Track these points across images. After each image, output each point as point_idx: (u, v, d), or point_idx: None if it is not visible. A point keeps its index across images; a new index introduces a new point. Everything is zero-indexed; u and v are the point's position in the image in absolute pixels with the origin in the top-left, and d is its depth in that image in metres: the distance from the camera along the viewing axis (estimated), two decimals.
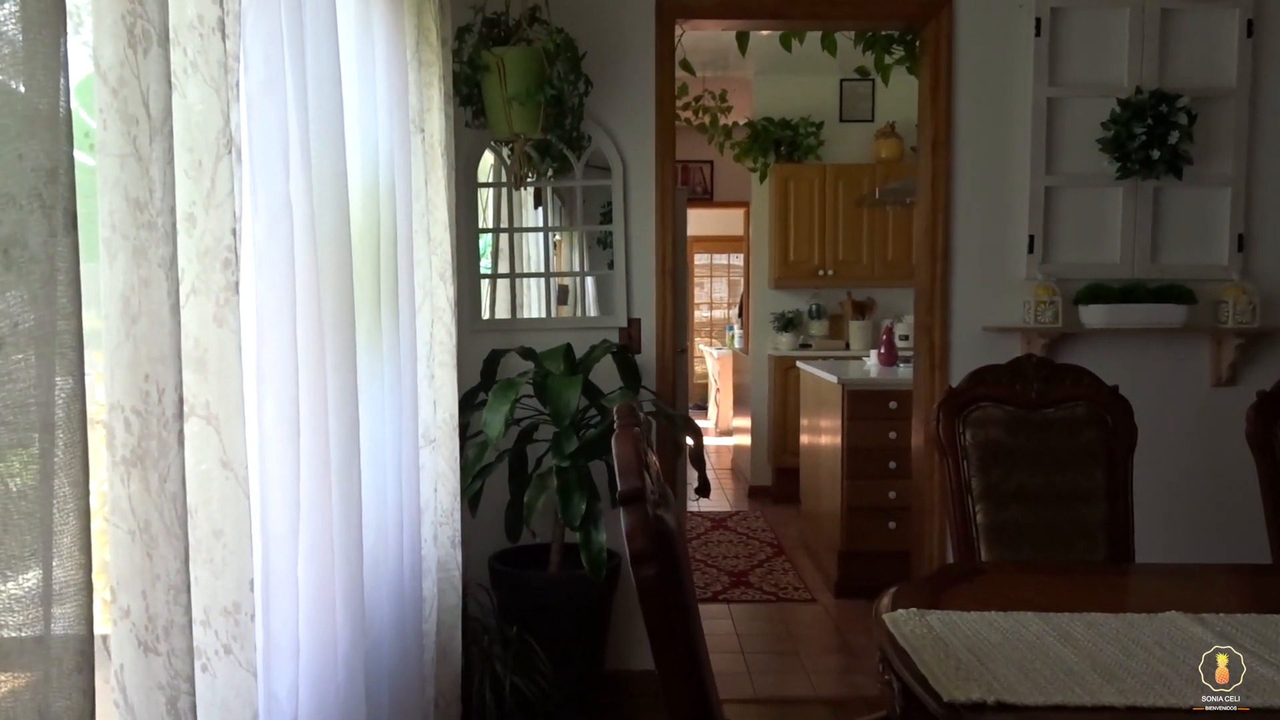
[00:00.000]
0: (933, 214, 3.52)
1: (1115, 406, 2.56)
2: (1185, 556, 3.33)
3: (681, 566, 1.37)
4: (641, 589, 1.23)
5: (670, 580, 1.30)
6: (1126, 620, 1.71)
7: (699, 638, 1.42)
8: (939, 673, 1.46)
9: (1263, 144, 3.51)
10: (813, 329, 7.00)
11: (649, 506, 1.30)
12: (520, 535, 2.94)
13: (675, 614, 1.28)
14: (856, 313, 6.85)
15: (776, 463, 6.75)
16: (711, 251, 12.46)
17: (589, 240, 3.68)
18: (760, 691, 3.61)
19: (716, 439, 9.63)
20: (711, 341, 12.33)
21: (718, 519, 6.19)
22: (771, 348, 6.92)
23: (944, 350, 3.53)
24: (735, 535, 5.79)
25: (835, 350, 6.72)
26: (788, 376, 6.56)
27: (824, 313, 7.00)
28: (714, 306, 12.88)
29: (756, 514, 6.36)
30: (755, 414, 6.97)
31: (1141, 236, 3.49)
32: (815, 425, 5.31)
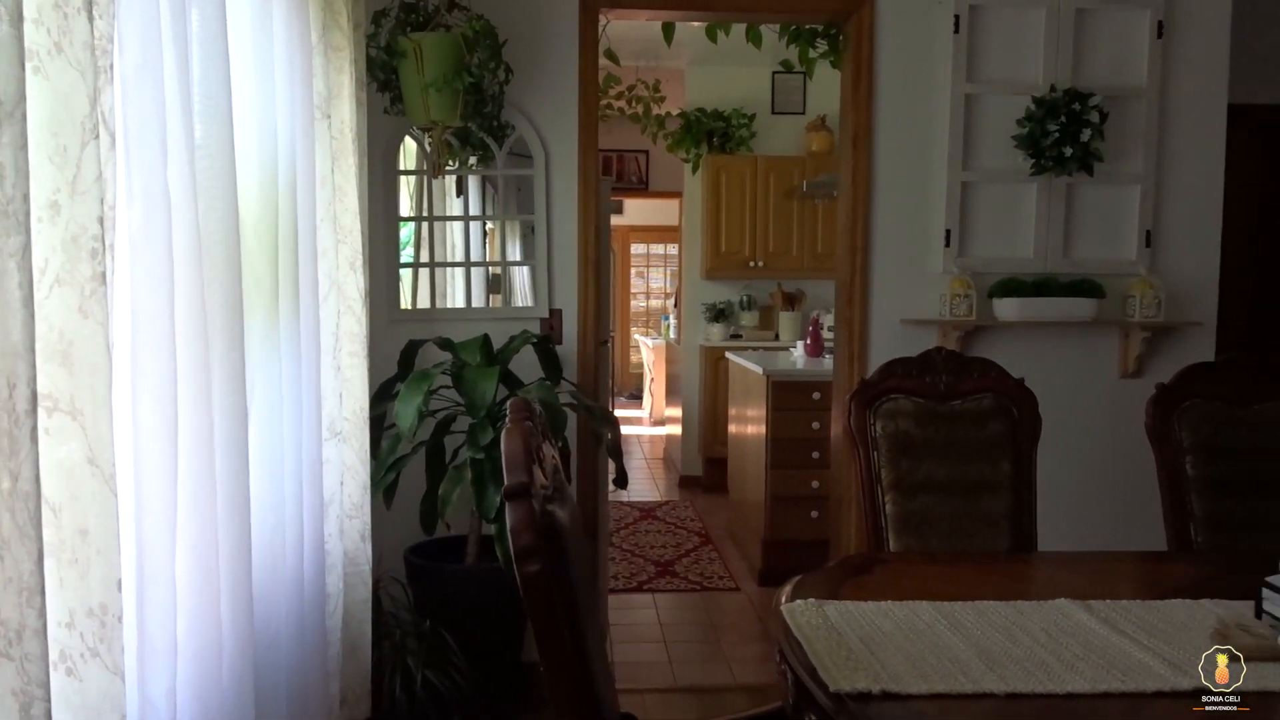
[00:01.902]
0: (854, 207, 3.56)
1: (1021, 398, 2.61)
2: (1091, 544, 3.41)
3: (570, 561, 1.36)
4: (525, 585, 1.23)
5: (557, 576, 1.30)
6: (1016, 608, 1.74)
7: (590, 631, 1.42)
8: (829, 663, 1.48)
9: (1171, 143, 3.60)
10: (744, 320, 7.04)
11: (536, 502, 1.29)
12: (435, 527, 2.91)
13: (562, 609, 1.27)
14: (786, 304, 6.91)
15: (707, 453, 6.79)
16: (649, 241, 12.46)
17: (523, 229, 3.64)
18: (681, 680, 3.63)
19: (651, 429, 9.65)
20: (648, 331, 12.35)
21: (647, 509, 6.21)
22: (703, 338, 6.95)
23: (863, 342, 3.58)
24: (664, 525, 5.81)
25: (765, 341, 6.78)
26: (718, 367, 6.60)
27: (755, 304, 7.05)
28: (651, 296, 12.89)
29: (686, 504, 6.39)
30: (686, 404, 7.00)
31: (1054, 232, 3.56)
32: (742, 415, 5.35)
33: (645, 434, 9.38)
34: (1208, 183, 3.62)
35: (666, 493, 6.84)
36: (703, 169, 6.78)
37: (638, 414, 10.65)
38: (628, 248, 12.13)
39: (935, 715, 1.33)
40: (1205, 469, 2.58)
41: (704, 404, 6.82)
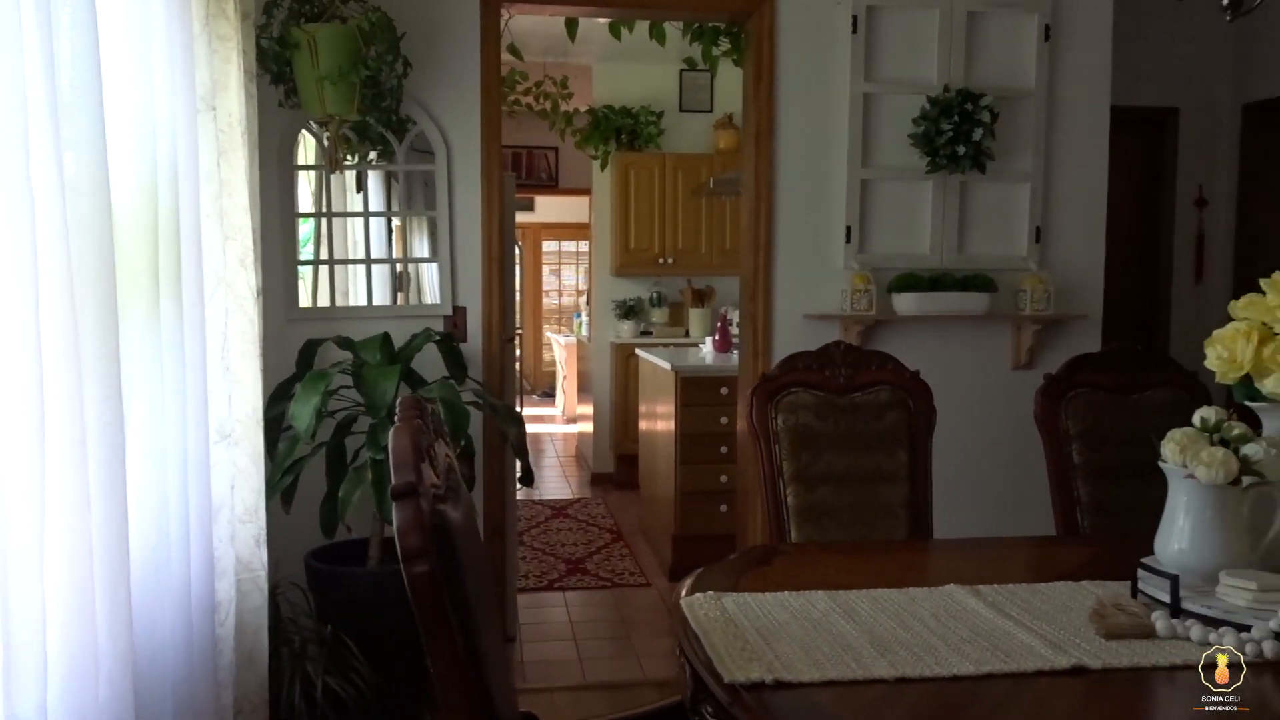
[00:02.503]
0: (756, 204, 3.60)
1: (916, 390, 2.67)
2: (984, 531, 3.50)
3: (463, 561, 1.35)
4: (412, 586, 1.20)
5: (449, 576, 1.28)
6: (908, 595, 1.78)
7: (485, 632, 1.40)
8: (725, 655, 1.49)
9: (1058, 143, 3.74)
10: (654, 316, 7.07)
11: (425, 501, 1.27)
12: (335, 530, 2.85)
13: (453, 610, 1.26)
14: (696, 300, 6.96)
15: (618, 449, 6.79)
16: (561, 239, 12.41)
17: (430, 226, 3.59)
18: (591, 677, 3.62)
19: (564, 426, 9.62)
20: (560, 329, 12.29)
21: (559, 507, 6.19)
22: (614, 335, 6.95)
23: (767, 337, 3.62)
24: (575, 523, 5.80)
25: (676, 338, 6.81)
26: (629, 364, 6.60)
27: (665, 300, 7.08)
28: (563, 294, 12.84)
29: (598, 501, 6.39)
30: (597, 401, 6.99)
31: (949, 228, 3.66)
32: (652, 411, 5.37)
33: (558, 432, 9.34)
34: (1092, 181, 3.77)
35: (578, 490, 6.82)
36: (611, 166, 6.78)
37: (551, 412, 10.60)
38: (539, 245, 12.07)
39: (827, 702, 1.35)
40: (1090, 455, 2.68)
41: (615, 401, 6.83)
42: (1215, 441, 1.74)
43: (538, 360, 12.22)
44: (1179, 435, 1.76)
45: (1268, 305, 1.77)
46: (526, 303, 12.13)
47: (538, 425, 9.84)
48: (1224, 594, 1.64)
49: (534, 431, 9.44)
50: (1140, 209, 5.08)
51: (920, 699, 1.38)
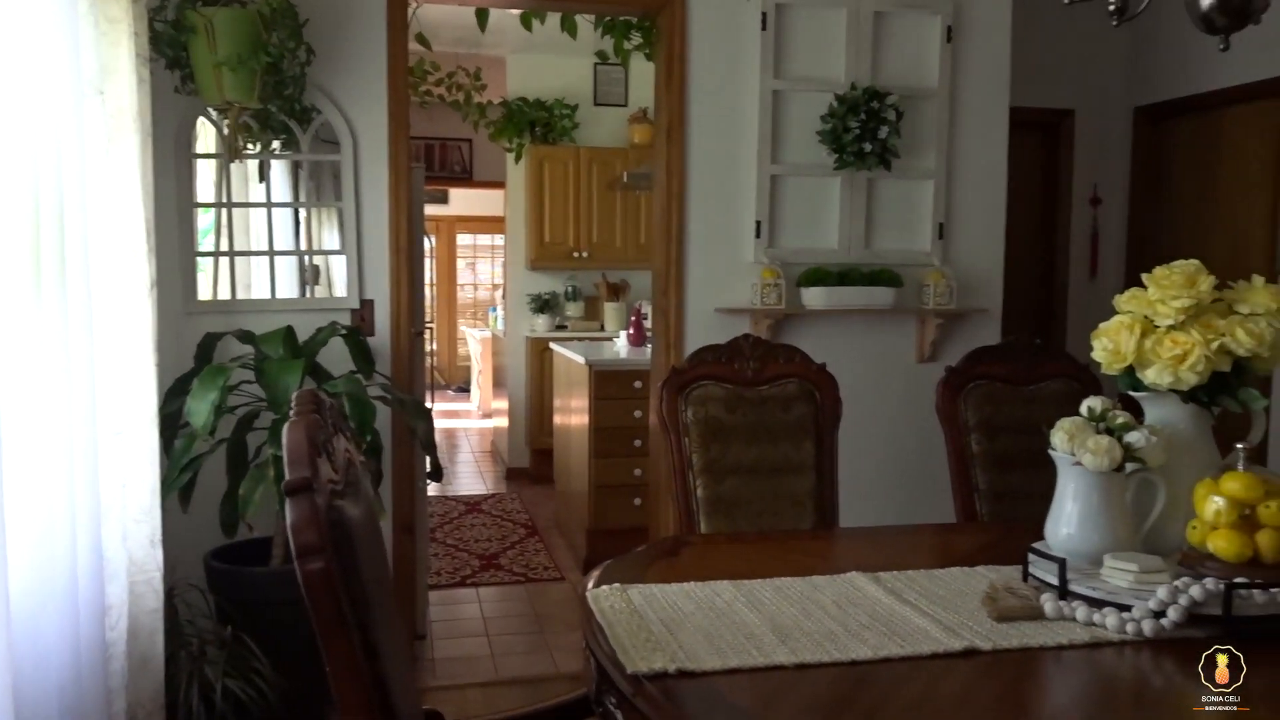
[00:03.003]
0: (668, 198, 3.62)
1: (823, 383, 2.72)
2: (889, 519, 3.60)
3: (362, 558, 1.32)
4: (307, 583, 1.18)
5: (345, 573, 1.26)
6: (811, 583, 1.82)
7: (384, 630, 1.38)
8: (629, 646, 1.50)
9: (960, 141, 3.84)
10: (569, 310, 7.05)
11: (321, 497, 1.24)
12: (236, 529, 2.77)
13: (350, 607, 1.23)
14: (611, 294, 6.96)
15: (534, 444, 6.76)
16: (476, 232, 12.28)
17: (340, 217, 3.50)
18: (503, 673, 3.60)
19: (479, 422, 9.53)
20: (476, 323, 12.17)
21: (473, 502, 6.13)
22: (528, 329, 6.91)
23: (679, 331, 3.64)
24: (489, 518, 5.75)
25: (591, 331, 6.80)
26: (543, 358, 6.58)
27: (580, 294, 7.07)
28: (479, 288, 12.72)
29: (513, 496, 6.35)
30: (512, 396, 6.95)
31: (856, 224, 3.73)
32: (567, 406, 5.36)
33: (474, 427, 9.25)
34: (992, 179, 3.88)
35: (493, 485, 6.77)
36: (526, 159, 6.74)
37: (466, 407, 10.49)
38: (453, 238, 11.93)
39: (727, 689, 1.37)
40: (988, 445, 2.77)
41: (530, 395, 6.79)
42: (1101, 430, 1.81)
43: (452, 355, 12.08)
44: (1067, 424, 1.83)
45: (1149, 299, 1.84)
46: (440, 296, 11.98)
47: (453, 420, 9.74)
48: (1108, 576, 1.71)
49: (449, 427, 9.34)
50: (1039, 207, 5.25)
51: (819, 683, 1.40)
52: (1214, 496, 1.67)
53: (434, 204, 11.18)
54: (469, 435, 8.90)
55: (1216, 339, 1.77)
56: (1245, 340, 1.76)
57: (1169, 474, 1.80)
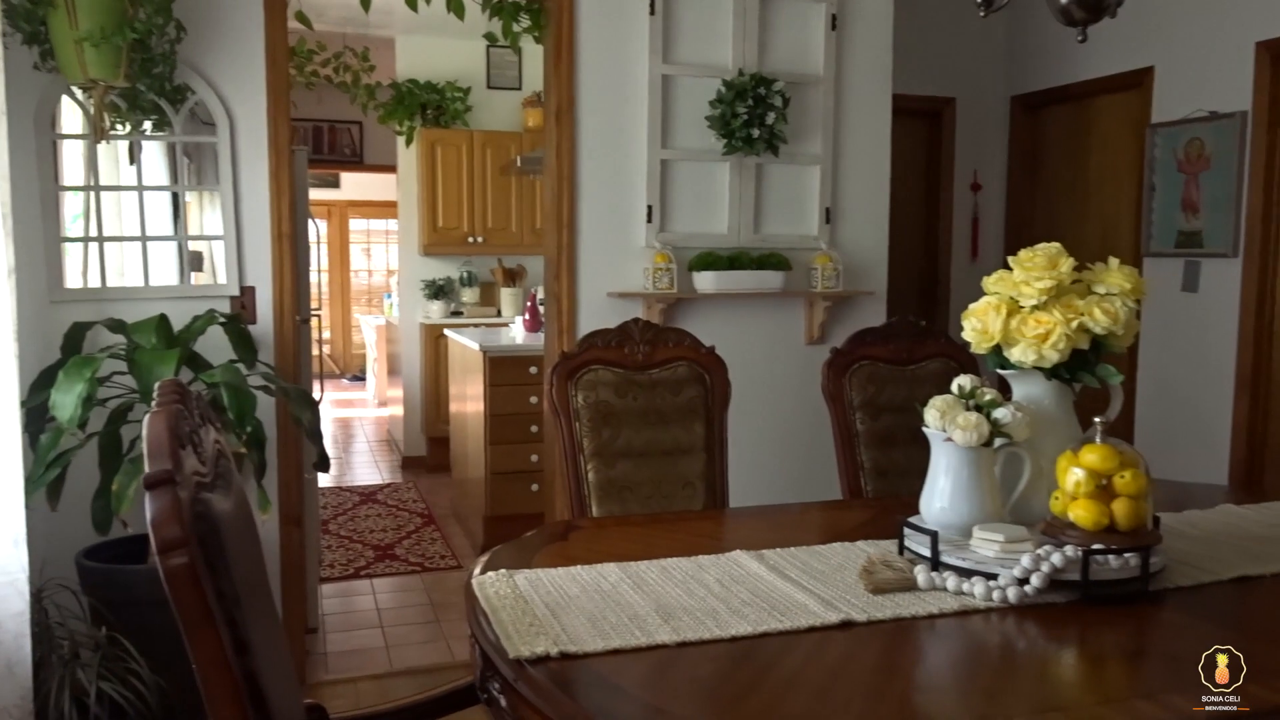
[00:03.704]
0: (559, 183, 3.60)
1: (712, 365, 2.76)
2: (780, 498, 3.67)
3: (231, 552, 1.29)
4: (170, 579, 1.14)
5: (213, 568, 1.22)
6: (696, 562, 1.84)
7: (259, 624, 1.34)
8: (512, 631, 1.50)
9: (845, 128, 3.92)
10: (464, 296, 6.97)
11: (185, 490, 1.20)
12: (110, 527, 2.66)
13: (218, 603, 1.20)
14: (508, 280, 6.90)
15: (430, 432, 6.67)
16: (370, 216, 12.01)
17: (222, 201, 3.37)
18: (398, 664, 3.56)
19: (375, 410, 9.35)
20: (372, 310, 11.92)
21: (367, 493, 6.03)
22: (423, 316, 6.81)
23: (572, 316, 3.64)
24: (385, 508, 5.66)
25: (487, 317, 6.75)
26: (438, 345, 6.49)
27: (475, 280, 6.99)
28: (374, 274, 12.45)
29: (409, 485, 6.26)
30: (408, 384, 6.84)
31: (746, 209, 3.79)
32: (462, 393, 5.30)
33: (370, 416, 9.07)
34: (877, 165, 3.98)
35: (389, 475, 6.66)
36: (417, 142, 6.62)
37: (362, 395, 10.28)
38: (346, 223, 11.64)
39: (609, 670, 1.38)
40: (872, 424, 2.84)
41: (425, 383, 6.70)
42: (970, 407, 1.89)
43: (347, 343, 11.81)
44: (939, 402, 1.90)
45: (1014, 281, 1.92)
46: (333, 283, 11.70)
47: (348, 410, 9.54)
48: (976, 546, 1.79)
49: (344, 416, 9.15)
50: (923, 192, 5.42)
51: (699, 661, 1.42)
52: (1074, 468, 1.76)
53: (324, 188, 10.90)
54: (364, 425, 8.73)
55: (1076, 318, 1.85)
56: (1102, 319, 1.85)
57: (1034, 448, 1.89)
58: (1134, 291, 1.89)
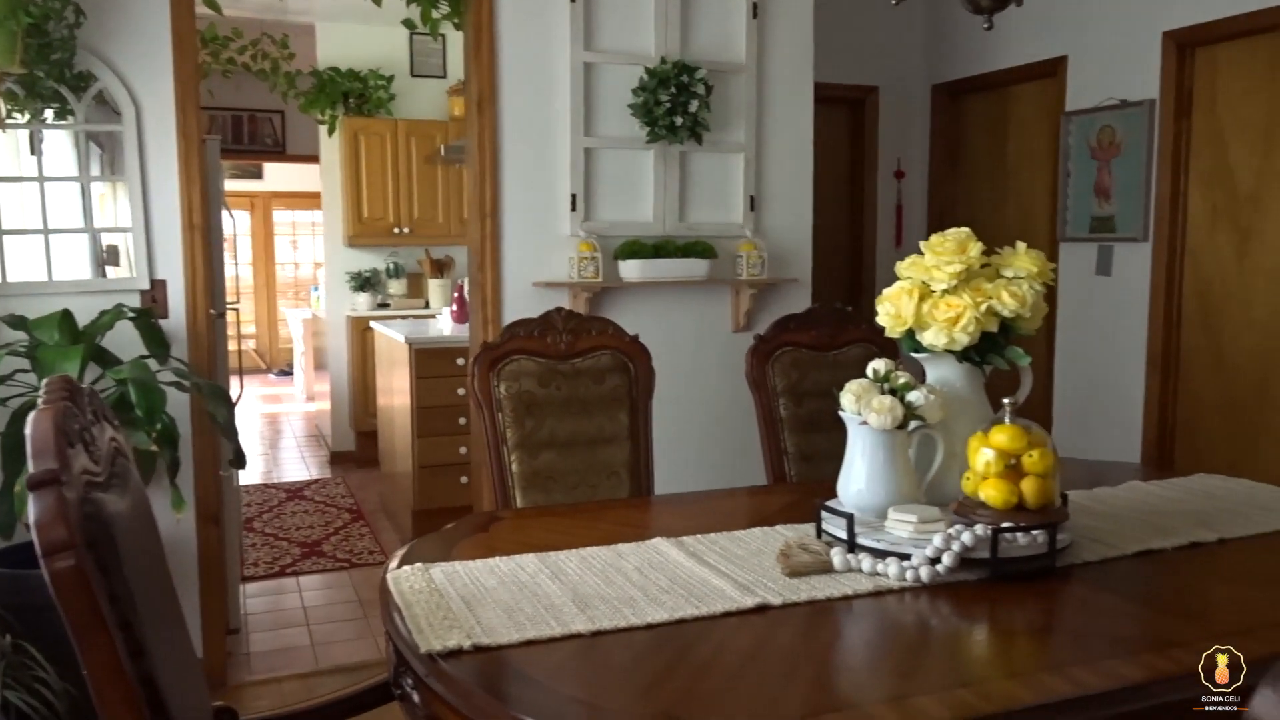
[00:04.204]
0: (481, 172, 3.56)
1: (636, 354, 2.75)
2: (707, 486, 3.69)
3: (126, 554, 1.24)
4: (56, 583, 1.10)
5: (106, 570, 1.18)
6: (616, 551, 1.84)
7: (158, 627, 1.30)
8: (425, 626, 1.48)
9: (768, 116, 3.94)
10: (392, 288, 6.87)
11: (73, 491, 1.15)
12: (14, 531, 2.57)
13: (110, 606, 1.16)
14: (435, 271, 6.82)
15: (359, 426, 6.57)
16: (295, 208, 11.76)
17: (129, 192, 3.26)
18: (324, 662, 3.50)
19: (304, 405, 9.17)
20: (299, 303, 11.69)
21: (294, 489, 5.91)
22: (350, 309, 6.69)
23: (497, 306, 3.60)
24: (312, 504, 5.56)
25: (416, 309, 6.66)
26: (365, 338, 6.39)
27: (402, 271, 6.89)
28: (300, 266, 12.20)
29: (338, 480, 6.16)
30: (335, 378, 6.72)
31: (670, 197, 3.78)
32: (389, 386, 5.23)
33: (297, 411, 8.90)
34: (799, 152, 4.01)
35: (318, 471, 6.54)
36: (340, 131, 6.49)
37: (289, 390, 10.07)
38: (270, 214, 11.39)
39: (523, 661, 1.37)
40: (795, 409, 2.87)
41: (353, 377, 6.59)
42: (885, 391, 1.91)
43: (274, 337, 11.57)
44: (854, 386, 1.92)
45: (925, 265, 1.95)
46: (258, 276, 11.44)
47: (275, 405, 9.35)
48: (891, 528, 1.81)
49: (272, 412, 8.96)
50: (847, 180, 5.48)
51: (614, 649, 1.42)
52: (984, 449, 1.79)
53: (246, 179, 10.65)
54: (292, 420, 8.56)
55: (985, 301, 1.89)
56: (1010, 302, 1.88)
57: (947, 429, 1.92)
58: (1040, 275, 1.93)
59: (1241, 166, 3.91)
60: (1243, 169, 3.90)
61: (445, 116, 6.68)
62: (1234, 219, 3.94)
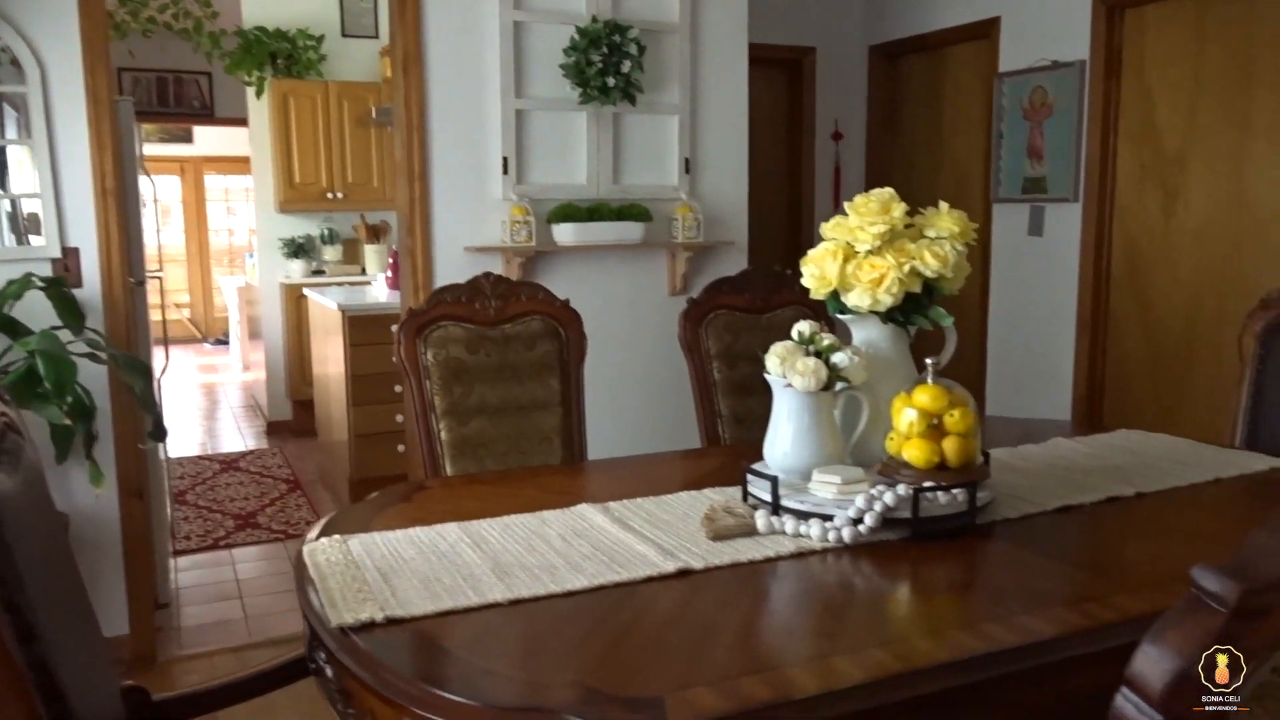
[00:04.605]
0: (409, 134, 3.48)
1: (567, 319, 2.72)
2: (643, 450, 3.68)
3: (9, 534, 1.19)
4: None
5: None
6: (540, 518, 1.82)
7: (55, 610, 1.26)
8: (339, 599, 1.44)
9: (703, 77, 3.90)
10: (327, 255, 6.73)
11: None
12: None
13: None
14: (371, 236, 6.69)
15: (295, 396, 6.45)
16: (229, 172, 11.45)
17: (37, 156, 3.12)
18: (258, 635, 3.46)
19: (241, 374, 9.00)
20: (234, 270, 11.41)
21: (229, 461, 5.80)
22: (283, 275, 6.54)
23: (428, 272, 3.54)
24: (248, 475, 5.46)
25: (352, 276, 6.53)
26: (300, 306, 6.26)
27: (337, 237, 6.75)
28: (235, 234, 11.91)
29: (274, 451, 6.05)
30: (270, 346, 6.58)
31: (604, 159, 3.73)
32: (324, 354, 5.14)
33: (235, 381, 8.72)
34: (735, 114, 3.98)
35: (254, 441, 6.43)
36: (269, 94, 6.30)
37: (226, 360, 9.87)
38: (202, 179, 11.08)
39: (438, 633, 1.35)
40: (729, 372, 2.87)
41: (289, 345, 6.46)
42: (810, 353, 1.90)
43: (209, 305, 11.31)
44: (779, 349, 1.91)
45: (850, 227, 1.94)
46: (191, 243, 11.16)
47: (212, 375, 9.16)
48: (814, 489, 1.81)
49: (209, 382, 8.79)
50: (785, 142, 5.46)
51: (532, 618, 1.40)
52: (907, 409, 1.79)
53: (176, 143, 10.34)
54: (229, 390, 8.39)
55: (908, 262, 1.88)
56: (932, 262, 1.88)
57: (873, 390, 1.92)
58: (962, 235, 1.94)
59: (1168, 127, 3.96)
60: (1169, 130, 3.96)
61: (378, 78, 6.51)
62: (1161, 179, 4.00)
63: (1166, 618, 0.68)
